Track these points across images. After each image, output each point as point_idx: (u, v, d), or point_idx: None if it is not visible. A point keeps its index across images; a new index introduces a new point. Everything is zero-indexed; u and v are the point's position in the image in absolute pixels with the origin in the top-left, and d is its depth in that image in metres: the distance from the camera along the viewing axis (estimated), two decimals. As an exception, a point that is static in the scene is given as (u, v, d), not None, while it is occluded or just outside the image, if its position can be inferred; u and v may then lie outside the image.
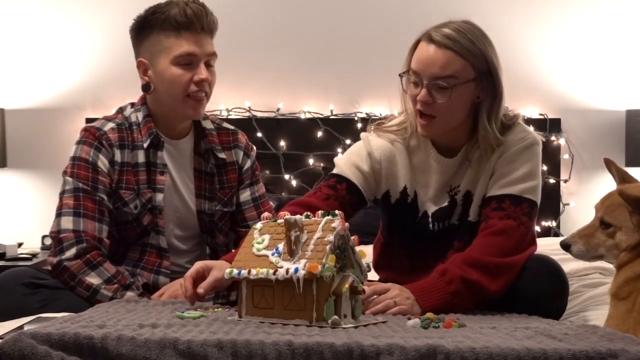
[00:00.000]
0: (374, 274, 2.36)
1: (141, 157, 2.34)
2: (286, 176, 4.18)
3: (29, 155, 4.24)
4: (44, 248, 3.89)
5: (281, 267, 1.68)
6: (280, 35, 4.29)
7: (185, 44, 2.26)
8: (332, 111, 4.25)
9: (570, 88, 4.29)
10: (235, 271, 1.77)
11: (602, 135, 4.28)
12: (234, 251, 2.08)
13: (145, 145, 2.33)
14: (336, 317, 1.65)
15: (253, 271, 1.72)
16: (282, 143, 4.19)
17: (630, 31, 4.28)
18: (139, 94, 2.40)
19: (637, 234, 1.94)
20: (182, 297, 2.02)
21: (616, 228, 1.98)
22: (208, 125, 2.45)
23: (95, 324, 1.57)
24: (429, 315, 1.79)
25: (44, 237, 3.92)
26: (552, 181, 4.18)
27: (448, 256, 2.17)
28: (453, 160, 2.24)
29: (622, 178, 2.03)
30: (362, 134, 2.34)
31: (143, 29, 2.30)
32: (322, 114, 4.24)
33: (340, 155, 2.51)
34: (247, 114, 4.23)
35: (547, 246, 2.89)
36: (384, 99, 4.21)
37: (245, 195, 2.48)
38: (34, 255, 3.75)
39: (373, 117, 4.10)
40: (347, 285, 1.68)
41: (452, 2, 3.85)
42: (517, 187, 2.16)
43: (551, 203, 4.09)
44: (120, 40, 2.69)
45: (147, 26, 2.29)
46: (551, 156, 4.15)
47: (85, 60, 4.26)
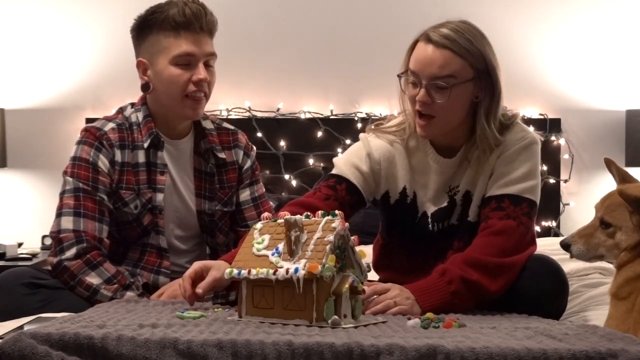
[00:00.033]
0: (374, 274, 2.36)
1: (141, 157, 2.34)
2: (286, 176, 4.18)
3: (29, 155, 4.24)
4: (44, 248, 3.88)
5: (281, 267, 1.68)
6: (280, 35, 4.28)
7: (183, 44, 2.26)
8: (332, 111, 4.25)
9: (570, 88, 4.28)
10: (235, 271, 1.77)
11: (602, 135, 4.28)
12: (233, 251, 2.08)
13: (145, 145, 2.33)
14: (336, 317, 1.64)
15: (253, 271, 1.72)
16: (282, 143, 4.19)
17: (630, 31, 4.28)
18: (139, 94, 2.40)
19: (637, 234, 1.94)
20: (181, 297, 2.02)
21: (616, 228, 1.98)
22: (208, 125, 2.45)
23: (95, 324, 1.57)
24: (429, 315, 1.79)
25: (44, 237, 3.91)
26: (552, 181, 4.18)
27: (448, 256, 2.17)
28: (452, 160, 2.24)
29: (622, 178, 2.03)
30: (361, 135, 2.33)
31: (143, 29, 2.31)
32: (322, 114, 4.24)
33: (339, 155, 2.50)
34: (247, 114, 4.23)
35: (547, 246, 2.89)
36: (384, 99, 4.21)
37: (245, 195, 2.48)
38: (34, 255, 3.75)
39: (373, 117, 4.10)
40: (347, 285, 1.67)
41: (452, 2, 3.85)
42: (517, 187, 2.16)
43: (551, 203, 4.09)
44: (120, 40, 2.69)
45: (147, 26, 2.29)
46: (551, 156, 4.15)
47: (85, 60, 4.26)
